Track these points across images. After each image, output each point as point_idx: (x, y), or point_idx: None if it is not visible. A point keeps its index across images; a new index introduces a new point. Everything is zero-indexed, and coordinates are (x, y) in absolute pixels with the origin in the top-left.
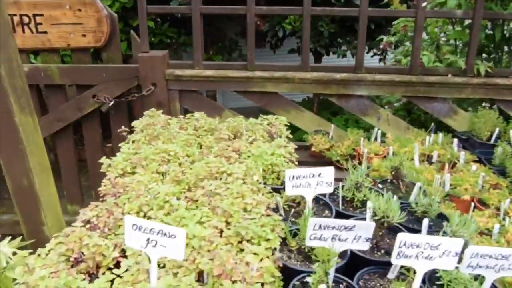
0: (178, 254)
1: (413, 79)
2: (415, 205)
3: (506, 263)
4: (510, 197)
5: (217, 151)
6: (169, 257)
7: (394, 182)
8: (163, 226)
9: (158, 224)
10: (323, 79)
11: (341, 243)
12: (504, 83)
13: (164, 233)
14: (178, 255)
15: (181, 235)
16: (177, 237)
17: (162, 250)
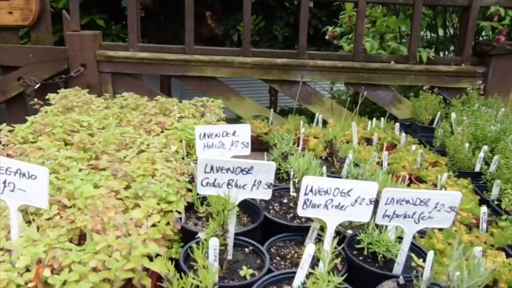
0: (41, 201)
1: (356, 65)
2: (346, 177)
3: (426, 210)
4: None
5: (137, 123)
6: (30, 205)
7: (328, 159)
8: (21, 165)
9: (15, 162)
10: (264, 64)
11: (239, 190)
12: (446, 70)
13: (23, 173)
14: (41, 201)
15: (43, 175)
16: (38, 177)
17: (21, 195)
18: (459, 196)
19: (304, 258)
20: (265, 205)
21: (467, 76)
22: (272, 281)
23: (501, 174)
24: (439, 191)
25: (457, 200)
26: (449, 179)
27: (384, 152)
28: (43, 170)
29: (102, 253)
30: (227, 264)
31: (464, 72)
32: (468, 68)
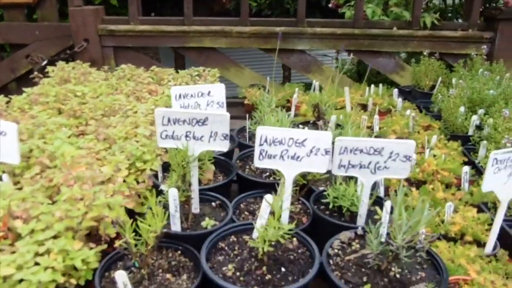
0: (13, 156)
1: (356, 31)
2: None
3: (381, 160)
4: (441, 137)
5: (128, 91)
6: (3, 161)
7: (316, 123)
8: None
9: None
10: (263, 33)
11: (197, 142)
12: (451, 35)
13: None
14: (13, 157)
15: (12, 131)
16: (8, 134)
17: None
18: (413, 144)
19: (262, 208)
20: (243, 164)
21: (474, 41)
22: (232, 231)
23: (488, 136)
24: (392, 140)
25: (412, 148)
26: (439, 142)
27: (375, 116)
28: (12, 126)
29: (67, 203)
30: (193, 217)
31: (470, 37)
32: (474, 34)
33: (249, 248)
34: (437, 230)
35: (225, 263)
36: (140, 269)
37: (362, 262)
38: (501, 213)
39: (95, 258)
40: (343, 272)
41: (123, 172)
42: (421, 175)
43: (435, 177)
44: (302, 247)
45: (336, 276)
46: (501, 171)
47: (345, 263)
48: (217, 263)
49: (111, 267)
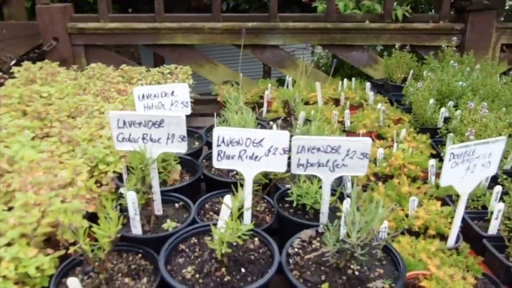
0: None
1: (328, 25)
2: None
3: (339, 158)
4: (410, 130)
5: (96, 91)
6: None
7: (287, 119)
8: None
9: None
10: (235, 28)
11: (154, 144)
12: (423, 27)
13: None
14: None
15: None
16: None
17: None
18: (369, 142)
19: (223, 209)
20: (210, 164)
21: (445, 33)
22: (194, 233)
23: (455, 128)
24: (348, 138)
25: (368, 146)
26: (408, 135)
27: (346, 111)
28: None
29: (22, 209)
30: (155, 219)
31: (441, 29)
32: (445, 25)
33: (210, 249)
34: (401, 225)
35: (185, 265)
36: (98, 274)
37: (322, 260)
38: (461, 207)
39: (51, 264)
40: (302, 271)
41: (83, 175)
42: (388, 169)
43: (402, 171)
44: (264, 247)
45: (295, 275)
46: (459, 165)
47: (304, 262)
48: (177, 266)
49: (69, 273)
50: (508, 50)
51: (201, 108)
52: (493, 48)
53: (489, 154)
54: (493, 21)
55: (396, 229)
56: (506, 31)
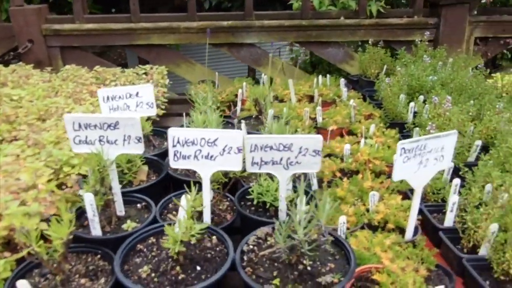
0: None
1: (303, 23)
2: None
3: (292, 156)
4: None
5: (68, 93)
6: None
7: (259, 118)
8: None
9: None
10: (210, 28)
11: (111, 145)
12: (397, 22)
13: None
14: None
15: None
16: None
17: None
18: (320, 139)
19: (180, 209)
20: None
21: (419, 28)
22: (152, 233)
23: (421, 122)
24: (300, 135)
25: (319, 143)
26: (378, 130)
27: (318, 108)
28: None
29: None
30: (117, 220)
31: (415, 24)
32: (419, 20)
33: (167, 249)
34: (361, 219)
35: (141, 265)
36: (55, 276)
37: (275, 257)
38: (416, 200)
39: (6, 267)
40: (255, 267)
41: (43, 178)
42: (354, 165)
43: (367, 166)
44: (221, 245)
45: (247, 272)
46: (411, 160)
47: (259, 258)
48: (134, 265)
49: (26, 275)
50: (482, 43)
51: (178, 107)
52: (467, 42)
53: (441, 148)
54: (466, 15)
55: (356, 223)
56: (479, 24)
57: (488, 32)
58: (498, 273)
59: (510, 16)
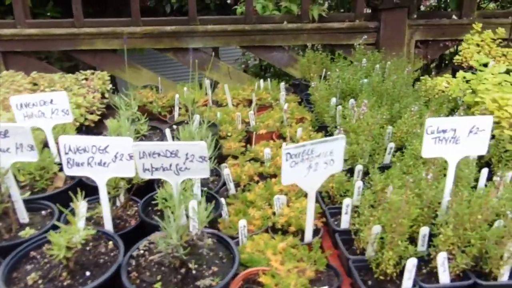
0: None
1: (246, 27)
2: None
3: (180, 162)
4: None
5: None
6: None
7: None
8: None
9: None
10: (154, 33)
11: (4, 154)
12: (338, 26)
13: None
14: None
15: None
16: None
17: None
18: (204, 145)
19: (79, 216)
20: None
21: (360, 32)
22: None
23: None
24: (186, 142)
25: (204, 150)
26: (305, 133)
27: (250, 112)
28: None
29: None
30: (18, 227)
31: (356, 28)
32: (360, 24)
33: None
34: (265, 223)
35: (31, 272)
36: None
37: (163, 261)
38: (311, 204)
39: None
40: (142, 272)
41: None
42: (272, 169)
43: None
44: (115, 250)
45: (132, 276)
46: (299, 164)
47: (147, 263)
48: (23, 273)
49: None
50: (423, 46)
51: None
52: (408, 45)
53: (330, 152)
54: (405, 19)
55: (261, 227)
56: (418, 28)
57: (428, 36)
58: (377, 273)
59: (448, 20)
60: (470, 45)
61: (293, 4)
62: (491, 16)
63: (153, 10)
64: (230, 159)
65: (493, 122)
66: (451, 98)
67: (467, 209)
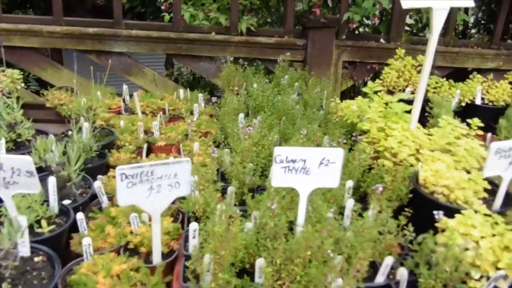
0: None
1: (172, 35)
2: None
3: (7, 175)
4: (210, 144)
5: None
6: None
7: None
8: None
9: None
10: (75, 33)
11: None
12: (266, 41)
13: None
14: None
15: None
16: None
17: None
18: (30, 160)
19: None
20: None
21: (288, 48)
22: None
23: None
24: (10, 156)
25: (30, 164)
26: (205, 149)
27: (154, 123)
28: None
29: None
30: None
31: (284, 44)
32: (288, 41)
33: None
34: (119, 241)
35: None
36: None
37: None
38: (156, 226)
39: None
40: None
41: None
42: None
43: None
44: None
45: None
46: (137, 185)
47: None
48: None
49: None
50: (350, 67)
51: (34, 113)
52: (335, 65)
53: (174, 174)
54: (332, 39)
55: (114, 245)
56: (346, 48)
57: (355, 57)
58: None
59: (376, 43)
60: (392, 70)
61: (222, 16)
62: (418, 42)
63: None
64: (112, 171)
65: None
66: (349, 123)
67: (296, 244)
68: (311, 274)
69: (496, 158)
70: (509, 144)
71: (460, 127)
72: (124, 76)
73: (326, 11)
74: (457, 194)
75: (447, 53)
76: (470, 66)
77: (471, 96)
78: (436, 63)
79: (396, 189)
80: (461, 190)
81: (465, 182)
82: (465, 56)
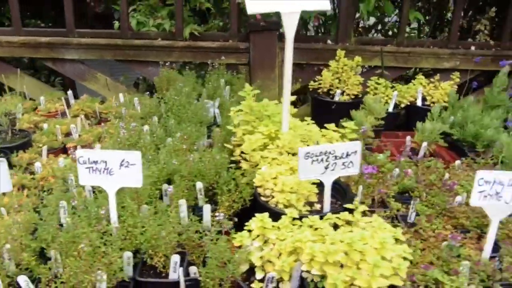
0: None
1: (118, 42)
2: None
3: None
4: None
5: None
6: None
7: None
8: None
9: None
10: (31, 43)
11: None
12: (209, 46)
13: None
14: None
15: None
16: None
17: None
18: None
19: None
20: None
21: (233, 52)
22: None
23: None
24: None
25: None
26: None
27: (72, 125)
28: None
29: None
30: None
31: (227, 48)
32: (231, 44)
33: None
34: None
35: None
36: None
37: None
38: None
39: None
40: None
41: None
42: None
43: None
44: None
45: None
46: None
47: None
48: None
49: None
50: (297, 69)
51: None
52: (280, 67)
53: None
54: (275, 41)
55: None
56: None
57: (302, 59)
58: None
59: (321, 44)
60: (330, 72)
61: (166, 22)
62: (369, 43)
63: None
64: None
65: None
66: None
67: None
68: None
69: (308, 163)
70: (319, 149)
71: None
72: (78, 81)
73: (272, 14)
74: (278, 198)
75: (398, 54)
76: (425, 66)
77: (413, 98)
78: (388, 64)
79: (243, 191)
80: (283, 194)
81: (294, 185)
82: (418, 56)
